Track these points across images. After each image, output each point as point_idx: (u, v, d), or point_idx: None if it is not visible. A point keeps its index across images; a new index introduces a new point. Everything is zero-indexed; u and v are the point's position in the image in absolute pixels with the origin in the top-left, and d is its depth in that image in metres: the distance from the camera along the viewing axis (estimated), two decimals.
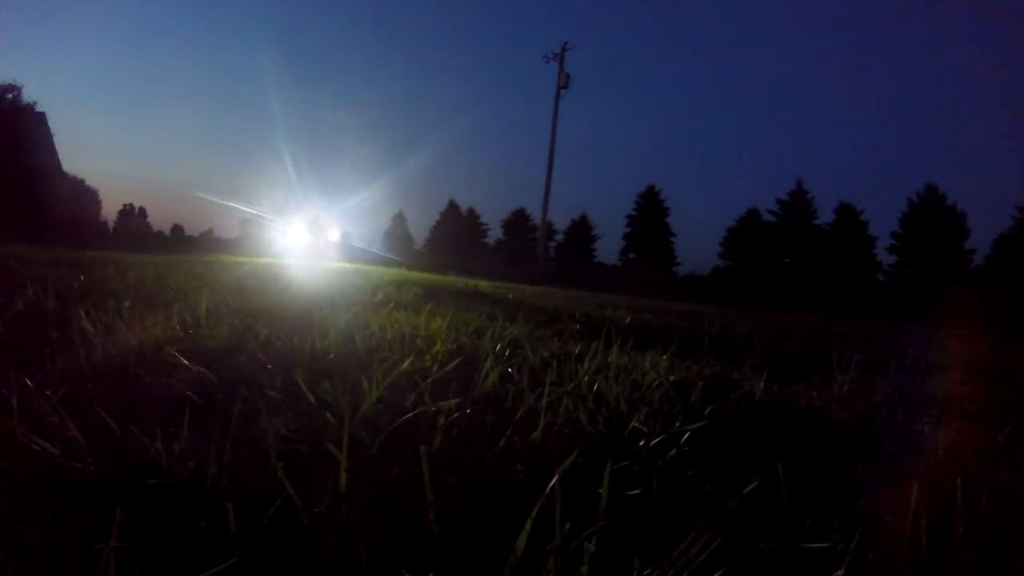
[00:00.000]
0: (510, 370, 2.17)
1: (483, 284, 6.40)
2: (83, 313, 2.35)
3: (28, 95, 29.66)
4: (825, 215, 38.94)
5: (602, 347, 2.59)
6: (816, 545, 1.14)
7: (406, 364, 2.00)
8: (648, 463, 1.44)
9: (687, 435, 1.64)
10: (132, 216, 65.01)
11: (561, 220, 48.14)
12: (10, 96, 28.75)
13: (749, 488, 1.29)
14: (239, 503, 1.06)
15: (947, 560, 1.13)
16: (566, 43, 26.69)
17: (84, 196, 42.44)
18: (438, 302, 4.75)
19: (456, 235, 45.36)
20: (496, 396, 1.85)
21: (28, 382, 1.50)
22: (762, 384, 2.33)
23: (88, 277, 3.77)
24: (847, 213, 38.12)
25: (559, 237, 47.17)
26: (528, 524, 0.97)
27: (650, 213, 44.65)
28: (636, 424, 1.67)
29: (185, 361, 1.90)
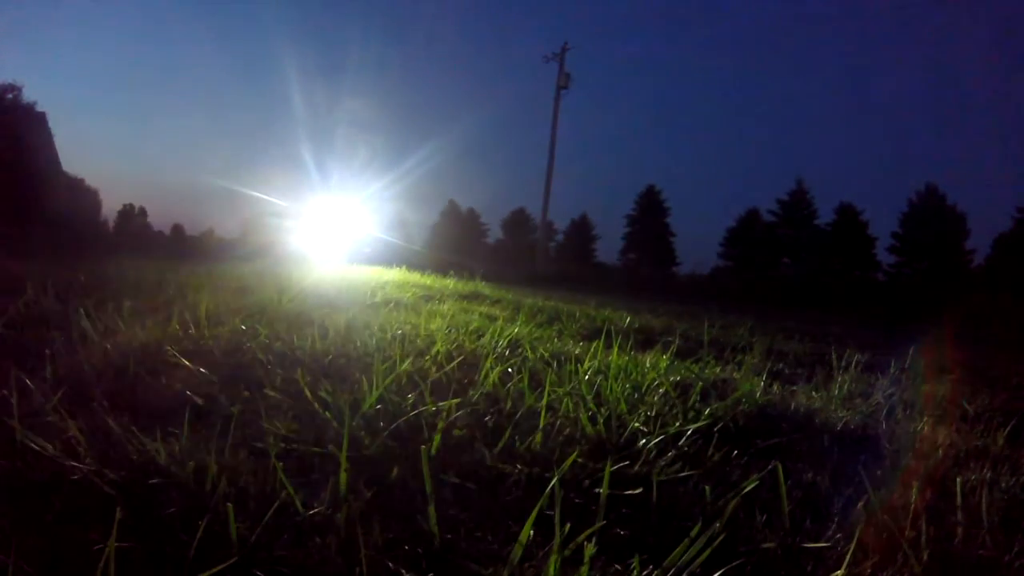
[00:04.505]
0: (510, 370, 2.17)
1: (482, 284, 6.41)
2: (83, 313, 2.35)
3: (28, 95, 29.70)
4: (825, 215, 38.95)
5: (602, 347, 2.59)
6: (816, 545, 1.14)
7: (406, 364, 2.00)
8: (648, 463, 1.44)
9: (687, 435, 1.65)
10: (132, 216, 65.03)
11: (561, 220, 48.08)
12: (10, 96, 28.75)
13: (749, 488, 1.29)
14: (239, 503, 1.06)
15: (947, 560, 1.13)
16: (566, 43, 26.68)
17: (84, 196, 42.41)
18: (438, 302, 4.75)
19: (456, 235, 45.36)
20: (496, 396, 1.85)
21: (28, 382, 1.50)
22: (762, 384, 2.33)
23: (88, 277, 3.77)
24: (847, 213, 38.10)
25: (559, 237, 47.17)
26: (528, 524, 0.97)
27: (650, 213, 44.62)
28: (636, 424, 1.68)
29: (185, 361, 1.90)
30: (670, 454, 1.51)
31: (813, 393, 2.41)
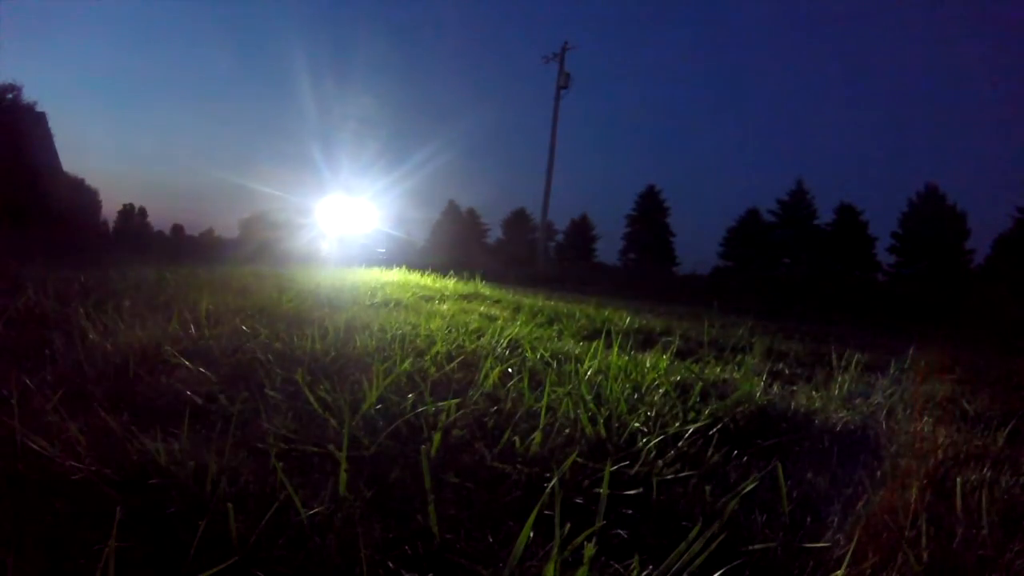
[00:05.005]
0: (510, 371, 2.17)
1: (482, 284, 6.41)
2: (83, 313, 2.35)
3: (28, 95, 29.69)
4: (825, 215, 38.97)
5: (602, 347, 2.59)
6: (816, 545, 1.14)
7: (406, 364, 2.00)
8: (648, 463, 1.44)
9: (687, 435, 1.64)
10: (132, 216, 65.08)
11: (561, 220, 48.08)
12: (10, 96, 28.74)
13: (748, 488, 1.29)
14: (239, 503, 1.06)
15: (947, 560, 1.13)
16: (566, 43, 26.64)
17: (84, 196, 42.42)
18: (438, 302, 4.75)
19: (456, 235, 45.34)
20: (496, 397, 1.85)
21: (28, 382, 1.50)
22: (762, 384, 2.33)
23: (88, 277, 3.77)
24: (847, 213, 38.11)
25: (559, 237, 47.17)
26: (528, 524, 0.97)
27: (650, 213, 44.61)
28: (636, 425, 1.67)
29: (185, 361, 1.90)
30: (670, 454, 1.51)
31: (813, 393, 2.41)
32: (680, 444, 1.58)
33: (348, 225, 14.58)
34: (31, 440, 1.18)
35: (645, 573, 0.98)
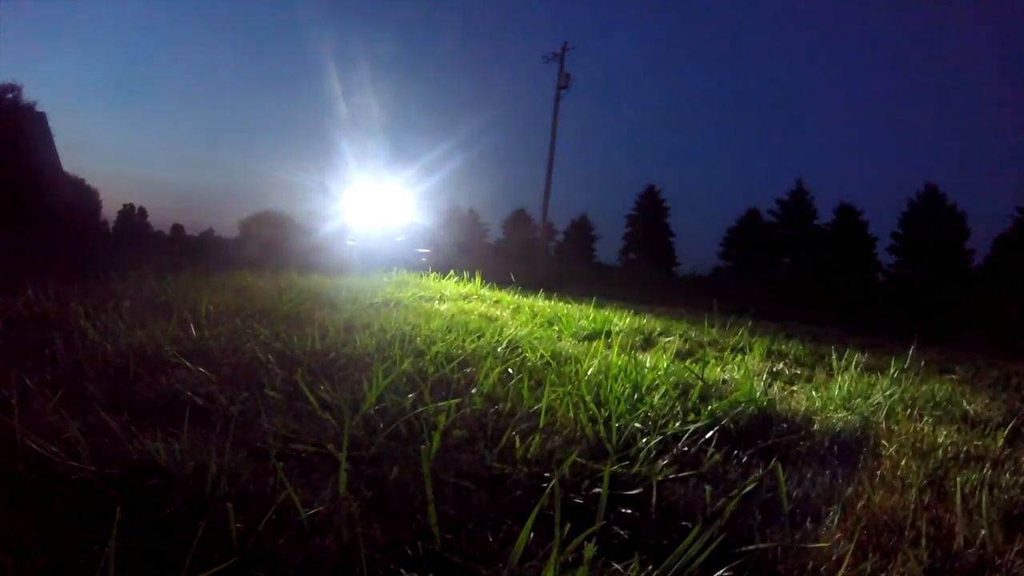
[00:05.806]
0: (510, 371, 2.17)
1: (482, 285, 6.41)
2: (83, 313, 2.35)
3: (28, 95, 29.69)
4: (825, 215, 38.93)
5: (603, 347, 2.59)
6: (816, 545, 1.14)
7: (406, 364, 2.00)
8: (648, 464, 1.44)
9: (687, 436, 1.64)
10: (132, 216, 65.10)
11: (561, 220, 47.97)
12: (10, 96, 28.72)
13: (748, 488, 1.29)
14: (239, 503, 1.06)
15: (947, 560, 1.13)
16: (566, 43, 26.64)
17: (84, 196, 42.41)
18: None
19: (456, 235, 45.32)
20: (496, 397, 1.85)
21: (28, 382, 1.50)
22: (762, 385, 2.33)
23: (88, 277, 3.77)
24: (847, 213, 38.08)
25: (559, 237, 47.12)
26: (528, 524, 0.97)
27: (650, 213, 44.56)
28: (636, 425, 1.68)
29: (185, 361, 1.90)
30: (670, 455, 1.51)
31: (813, 393, 2.41)
32: (680, 444, 1.58)
33: (376, 218, 12.32)
34: (31, 440, 1.18)
35: (645, 573, 0.98)
